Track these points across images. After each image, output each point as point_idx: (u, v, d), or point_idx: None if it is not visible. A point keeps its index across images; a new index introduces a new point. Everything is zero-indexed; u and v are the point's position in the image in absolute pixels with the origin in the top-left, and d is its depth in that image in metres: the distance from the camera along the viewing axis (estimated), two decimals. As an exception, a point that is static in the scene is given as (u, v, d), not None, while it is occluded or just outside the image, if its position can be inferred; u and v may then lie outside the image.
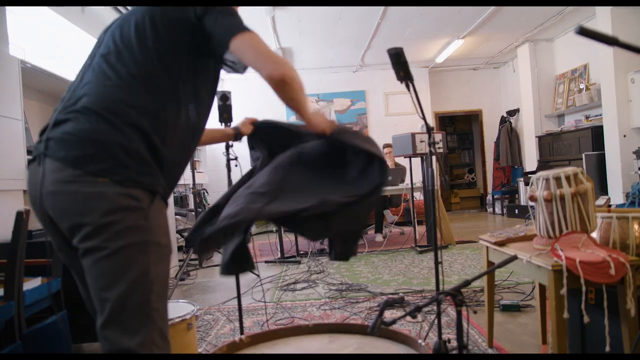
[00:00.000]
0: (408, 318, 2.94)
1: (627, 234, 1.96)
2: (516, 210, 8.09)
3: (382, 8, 6.01)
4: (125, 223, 1.09)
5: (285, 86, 1.21)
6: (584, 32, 0.90)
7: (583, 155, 6.31)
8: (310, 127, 1.46)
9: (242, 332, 2.54)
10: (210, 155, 8.73)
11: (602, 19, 6.05)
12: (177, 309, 2.29)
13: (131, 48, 1.20)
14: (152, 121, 1.18)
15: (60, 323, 2.24)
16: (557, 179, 1.87)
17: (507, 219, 8.22)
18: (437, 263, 2.09)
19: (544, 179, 1.91)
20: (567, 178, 1.86)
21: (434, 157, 2.16)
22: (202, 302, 3.71)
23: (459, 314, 1.56)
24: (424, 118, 2.02)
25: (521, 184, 8.25)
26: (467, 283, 1.62)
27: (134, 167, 1.12)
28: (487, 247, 2.32)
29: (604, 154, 6.11)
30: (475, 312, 1.71)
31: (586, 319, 1.66)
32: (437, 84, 9.59)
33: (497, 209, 8.99)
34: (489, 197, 9.43)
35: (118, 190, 1.09)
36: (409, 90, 1.84)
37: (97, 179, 1.09)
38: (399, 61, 1.72)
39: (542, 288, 2.44)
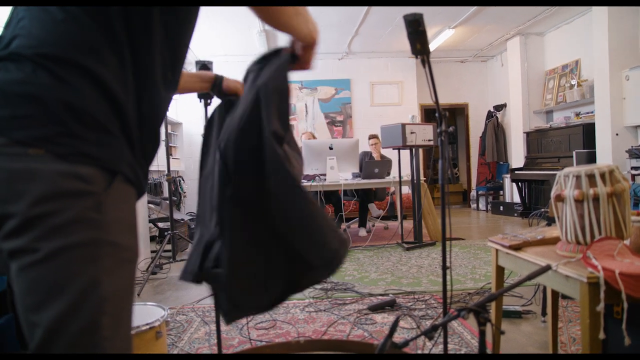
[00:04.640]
0: (401, 324, 2.69)
1: (660, 240, 1.74)
2: (501, 207, 7.94)
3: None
4: (67, 214, 0.75)
5: None
6: None
7: (574, 153, 6.15)
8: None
9: (219, 337, 2.24)
10: (187, 140, 8.34)
11: (598, 13, 5.88)
12: (145, 313, 1.99)
13: None
14: (116, 70, 0.83)
15: (5, 328, 1.91)
16: (591, 177, 1.62)
17: (491, 215, 8.07)
18: (444, 269, 1.83)
19: (574, 176, 1.66)
20: (602, 176, 1.62)
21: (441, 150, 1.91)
22: (174, 300, 3.40)
23: (482, 334, 1.31)
24: (436, 102, 1.76)
25: (507, 180, 8.10)
26: (493, 297, 1.37)
27: (85, 135, 0.78)
28: (496, 250, 2.07)
29: (595, 152, 5.97)
30: (503, 333, 1.45)
31: (627, 340, 1.42)
32: (423, 75, 9.27)
33: (482, 205, 8.84)
34: (473, 192, 9.27)
35: (58, 168, 0.75)
36: (424, 66, 1.56)
37: (27, 150, 0.74)
38: (416, 30, 1.43)
39: (555, 295, 2.21)
